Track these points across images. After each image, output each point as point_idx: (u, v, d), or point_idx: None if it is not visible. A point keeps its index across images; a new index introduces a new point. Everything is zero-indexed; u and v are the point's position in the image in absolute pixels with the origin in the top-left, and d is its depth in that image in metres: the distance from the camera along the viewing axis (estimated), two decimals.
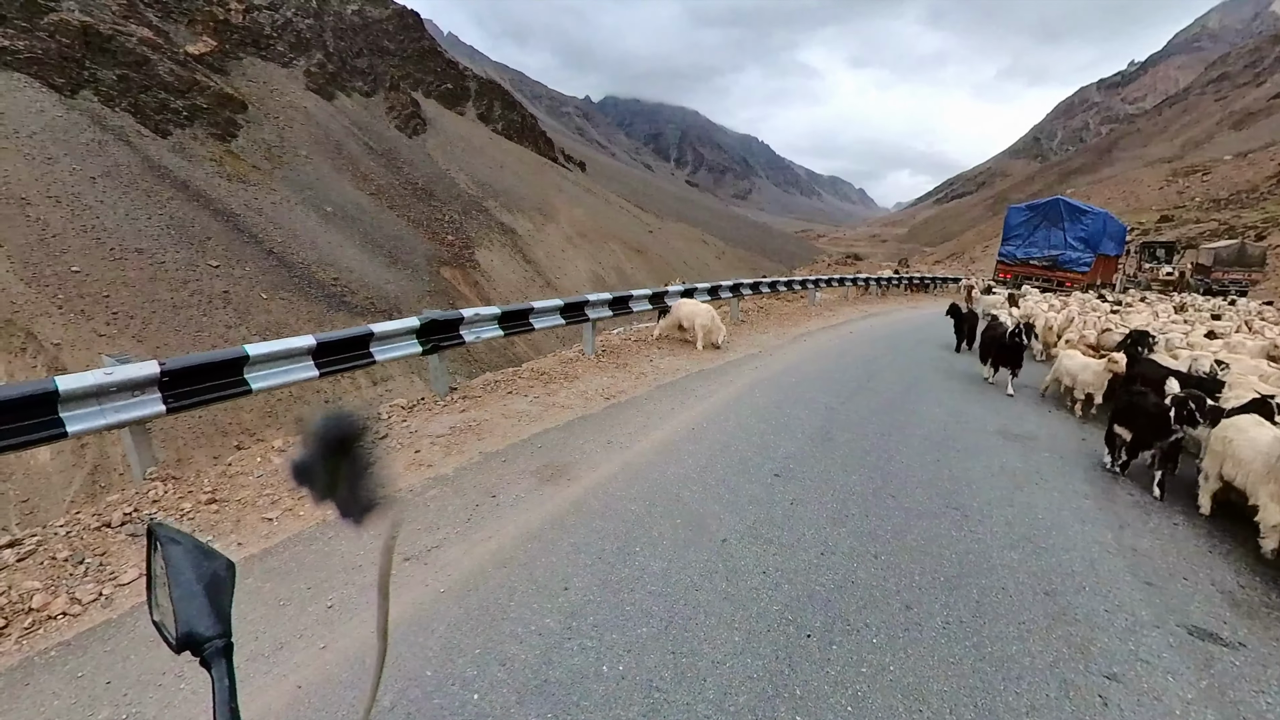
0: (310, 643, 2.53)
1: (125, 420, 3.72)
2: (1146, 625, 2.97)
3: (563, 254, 57.33)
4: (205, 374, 4.17)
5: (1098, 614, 3.03)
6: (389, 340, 5.56)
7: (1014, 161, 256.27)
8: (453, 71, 76.30)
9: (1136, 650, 2.78)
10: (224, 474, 4.11)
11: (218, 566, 0.70)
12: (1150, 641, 2.84)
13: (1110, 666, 2.65)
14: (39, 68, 31.88)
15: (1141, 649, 2.79)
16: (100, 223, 27.48)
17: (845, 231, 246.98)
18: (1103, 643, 2.81)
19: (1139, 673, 2.62)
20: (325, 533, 3.40)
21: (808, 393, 6.84)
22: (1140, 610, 3.09)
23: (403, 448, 4.72)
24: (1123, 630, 2.92)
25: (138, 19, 40.18)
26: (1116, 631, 2.90)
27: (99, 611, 2.73)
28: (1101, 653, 2.74)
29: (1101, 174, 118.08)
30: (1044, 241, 23.42)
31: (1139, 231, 46.21)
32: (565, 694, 2.28)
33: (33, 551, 3.06)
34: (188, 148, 37.13)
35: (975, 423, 6.23)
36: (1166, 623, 3.00)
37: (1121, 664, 2.67)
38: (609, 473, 4.35)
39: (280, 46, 52.32)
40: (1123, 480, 4.90)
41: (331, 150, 47.33)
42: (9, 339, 21.18)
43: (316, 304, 32.08)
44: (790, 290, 15.90)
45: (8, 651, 2.48)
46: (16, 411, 3.25)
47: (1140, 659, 2.72)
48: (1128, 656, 2.73)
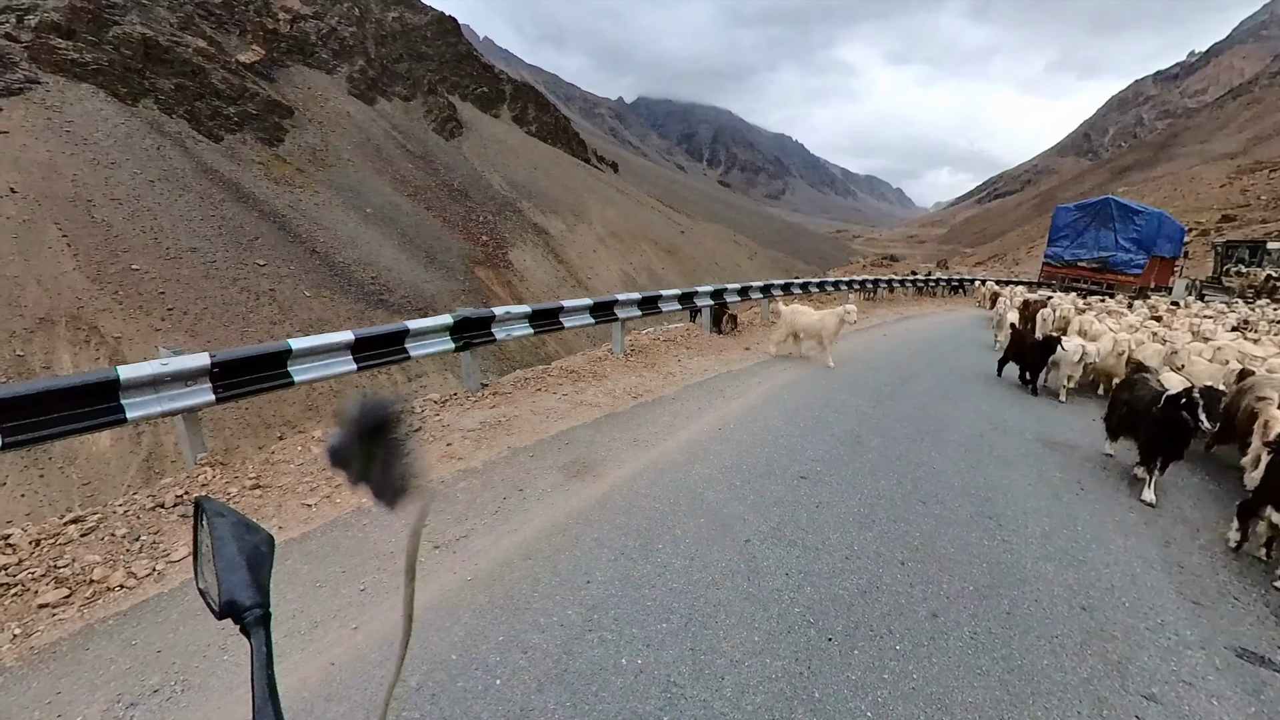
0: (343, 623, 2.65)
1: (179, 408, 3.95)
2: (1191, 645, 2.84)
3: (594, 254, 57.76)
4: (251, 366, 4.39)
5: (1138, 631, 2.91)
6: (423, 337, 5.72)
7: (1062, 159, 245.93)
8: (488, 75, 77.79)
9: (1179, 671, 2.65)
10: (267, 461, 4.31)
11: (259, 541, 0.73)
12: (1194, 662, 2.71)
13: (1149, 686, 2.54)
14: (104, 78, 33.90)
15: (1184, 670, 2.66)
16: (158, 223, 29.05)
17: (882, 232, 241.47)
18: (1142, 661, 2.70)
19: (1180, 694, 2.51)
20: (360, 520, 3.54)
21: (838, 396, 6.74)
22: (1185, 629, 2.95)
23: (435, 440, 4.86)
24: (1164, 649, 2.79)
25: (194, 30, 42.31)
26: (1157, 650, 2.78)
27: (152, 585, 2.91)
28: (1140, 672, 2.63)
29: (1157, 171, 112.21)
30: (1093, 243, 22.33)
31: (1197, 231, 43.76)
32: (584, 684, 2.33)
33: (94, 528, 3.29)
34: (238, 152, 38.89)
35: (1014, 429, 6.03)
36: (1213, 644, 2.86)
37: (1161, 684, 2.56)
38: (634, 470, 4.39)
39: (325, 54, 54.29)
40: (1170, 494, 4.68)
41: (372, 153, 48.86)
42: (75, 332, 22.59)
43: (356, 302, 33.18)
44: (822, 291, 15.68)
45: (71, 618, 2.68)
46: (83, 398, 3.50)
47: (1183, 680, 2.60)
48: (1169, 677, 2.61)
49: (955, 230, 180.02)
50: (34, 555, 3.04)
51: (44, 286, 23.29)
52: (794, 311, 8.15)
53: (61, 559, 3.02)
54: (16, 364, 20.56)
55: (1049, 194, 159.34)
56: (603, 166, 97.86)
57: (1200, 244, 38.37)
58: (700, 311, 10.38)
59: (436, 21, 70.92)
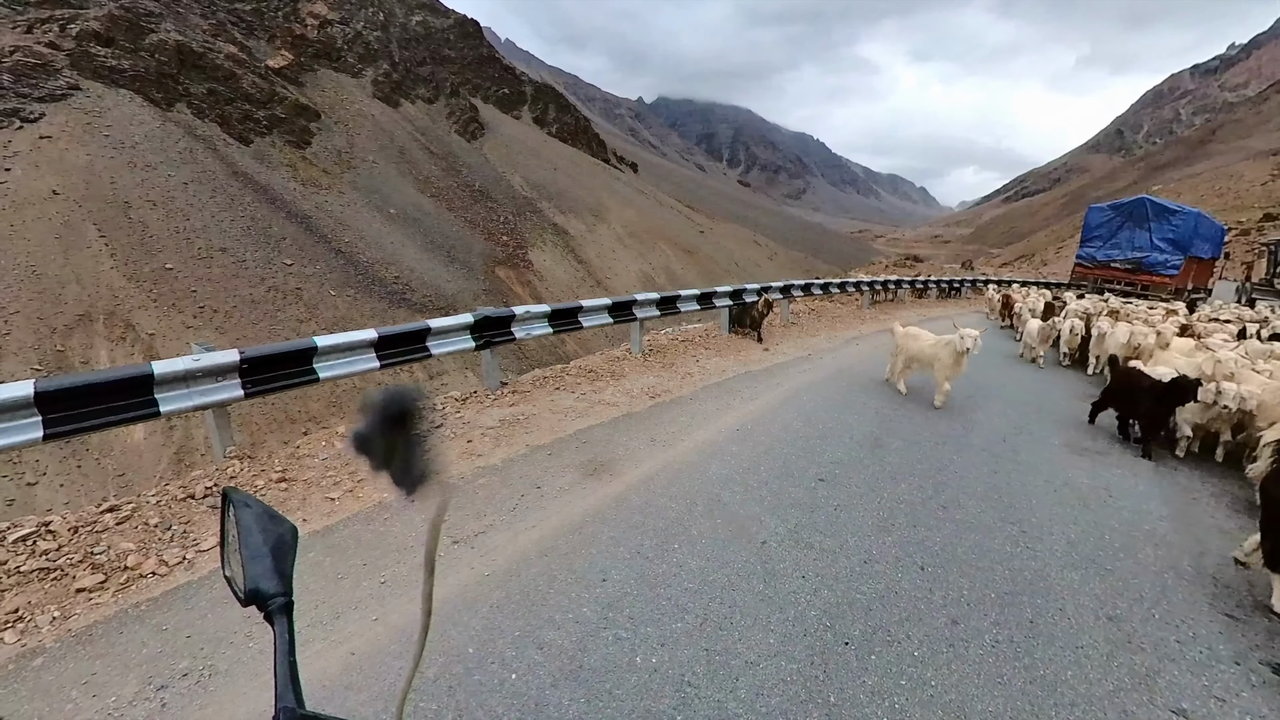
0: (364, 614, 2.71)
1: (209, 403, 4.08)
2: (1224, 660, 2.74)
3: (613, 254, 57.91)
4: (279, 362, 4.51)
5: (1168, 644, 2.82)
6: (445, 335, 5.81)
7: (1093, 156, 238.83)
8: (509, 77, 78.53)
9: (1210, 686, 2.57)
10: (293, 455, 4.42)
11: (283, 531, 0.76)
12: (1227, 678, 2.62)
13: (1178, 701, 2.46)
14: (141, 84, 35.06)
15: (1216, 685, 2.58)
16: (190, 224, 29.94)
17: (905, 232, 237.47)
18: (1171, 675, 2.62)
19: (1212, 710, 2.43)
20: (381, 514, 3.61)
21: (858, 398, 6.66)
22: (1218, 644, 2.86)
23: (455, 437, 4.93)
24: (1196, 663, 2.70)
25: (225, 37, 43.53)
26: (1188, 664, 2.69)
27: (182, 573, 3.01)
28: (1169, 686, 2.55)
29: (1194, 168, 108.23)
30: (1127, 243, 21.81)
31: (1238, 231, 42.15)
32: (599, 681, 2.34)
33: (129, 517, 3.41)
34: (267, 154, 39.89)
35: (1041, 435, 5.89)
36: (1248, 659, 2.76)
37: (1192, 699, 2.48)
38: (651, 470, 4.40)
39: (350, 58, 55.37)
40: (1204, 502, 4.53)
41: (395, 155, 49.68)
42: (112, 329, 23.42)
43: (379, 301, 33.77)
44: (843, 292, 15.48)
45: (106, 603, 2.78)
46: (120, 392, 3.64)
47: (1214, 695, 2.51)
48: (1200, 692, 2.53)
49: (981, 230, 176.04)
50: (72, 542, 3.16)
51: (83, 284, 24.19)
52: (907, 335, 6.92)
53: (98, 546, 3.14)
54: (57, 358, 21.39)
55: (1079, 192, 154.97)
56: (622, 167, 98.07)
57: (1240, 244, 36.94)
58: (746, 309, 9.87)
59: (459, 25, 71.86)
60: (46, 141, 28.67)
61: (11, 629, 2.57)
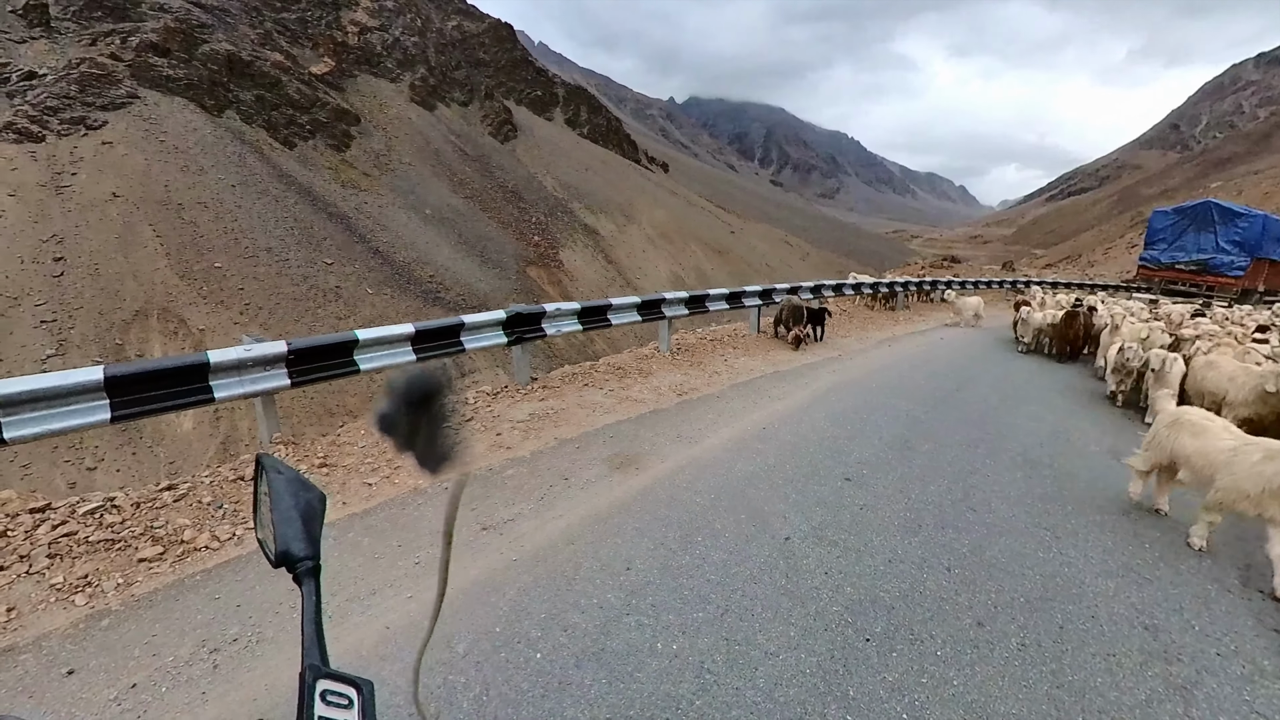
0: (399, 592, 2.84)
1: (259, 390, 4.31)
2: (1268, 676, 2.64)
3: (643, 254, 58.06)
4: (323, 354, 4.74)
5: (1207, 656, 2.73)
6: (478, 331, 5.98)
7: (1146, 152, 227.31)
8: (542, 79, 79.51)
9: (1252, 702, 2.48)
10: (334, 443, 4.64)
11: (312, 497, 0.78)
12: (1271, 694, 2.52)
13: (1216, 715, 2.38)
14: (194, 92, 36.86)
15: (1259, 700, 2.48)
16: (238, 225, 31.31)
17: (943, 231, 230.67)
18: (1210, 688, 2.53)
19: None
20: (416, 500, 3.76)
21: (888, 399, 6.57)
22: (1262, 659, 2.74)
23: (485, 430, 5.08)
24: (1237, 678, 2.61)
25: (272, 45, 45.33)
26: (1229, 678, 2.60)
27: (233, 548, 3.21)
28: (1207, 699, 2.47)
29: (1258, 164, 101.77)
30: (1192, 245, 21.43)
31: None
32: (621, 664, 2.41)
33: (185, 495, 3.65)
34: (309, 158, 41.40)
35: (1079, 440, 5.71)
36: None
37: (1231, 713, 2.40)
38: (676, 465, 4.45)
39: (389, 63, 56.97)
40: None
41: (431, 157, 50.90)
42: (165, 324, 24.69)
43: (415, 299, 34.67)
44: (876, 294, 15.22)
45: (164, 573, 3.00)
46: (179, 378, 3.90)
47: (1256, 712, 2.42)
48: (1240, 706, 2.44)
49: (1024, 230, 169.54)
50: (135, 516, 3.40)
51: (140, 282, 25.58)
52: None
53: (157, 521, 3.37)
54: (115, 351, 22.68)
55: (1131, 190, 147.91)
56: (653, 167, 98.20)
57: None
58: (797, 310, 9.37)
59: (493, 29, 73.14)
60: (108, 147, 30.41)
61: (81, 593, 2.80)
